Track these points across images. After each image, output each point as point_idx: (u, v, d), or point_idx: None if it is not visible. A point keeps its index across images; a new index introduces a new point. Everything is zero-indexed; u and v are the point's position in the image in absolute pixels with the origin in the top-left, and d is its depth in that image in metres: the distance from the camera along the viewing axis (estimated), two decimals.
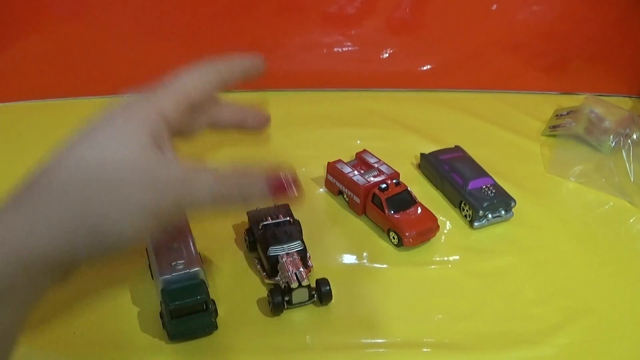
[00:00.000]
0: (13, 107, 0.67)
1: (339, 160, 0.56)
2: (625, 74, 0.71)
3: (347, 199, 0.55)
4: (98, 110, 0.32)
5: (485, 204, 0.52)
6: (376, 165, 0.56)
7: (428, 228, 0.51)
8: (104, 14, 0.65)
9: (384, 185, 0.52)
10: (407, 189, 0.53)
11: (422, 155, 0.59)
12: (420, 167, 0.60)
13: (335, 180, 0.56)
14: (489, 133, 0.65)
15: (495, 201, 0.53)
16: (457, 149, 0.59)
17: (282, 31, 0.69)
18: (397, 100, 0.70)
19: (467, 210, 0.53)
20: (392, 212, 0.51)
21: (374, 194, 0.52)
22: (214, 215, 0.34)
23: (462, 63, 0.71)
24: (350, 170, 0.55)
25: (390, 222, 0.51)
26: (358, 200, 0.53)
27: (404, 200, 0.52)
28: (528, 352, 0.43)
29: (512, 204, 0.53)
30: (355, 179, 0.54)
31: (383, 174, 0.55)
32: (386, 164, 0.56)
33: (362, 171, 0.55)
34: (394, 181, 0.53)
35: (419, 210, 0.52)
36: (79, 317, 0.44)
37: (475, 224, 0.53)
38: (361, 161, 0.57)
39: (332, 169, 0.56)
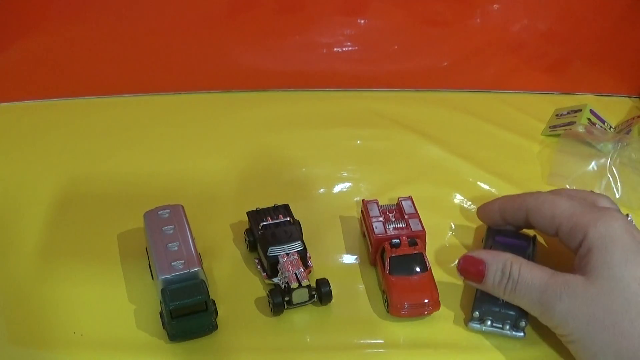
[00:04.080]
0: (13, 107, 0.67)
1: (375, 201, 0.50)
2: (626, 74, 0.71)
3: (367, 244, 0.50)
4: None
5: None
6: (407, 217, 0.48)
7: (421, 303, 0.44)
8: (104, 14, 0.65)
9: (396, 241, 0.46)
10: (422, 254, 0.45)
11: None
12: None
13: (362, 220, 0.50)
14: (489, 133, 0.65)
15: None
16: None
17: (282, 31, 0.68)
18: (397, 100, 0.69)
19: None
20: (390, 272, 0.45)
21: (384, 248, 0.46)
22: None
23: (462, 63, 0.71)
24: (377, 214, 0.48)
25: (385, 282, 0.45)
26: (370, 249, 0.48)
27: (411, 264, 0.45)
28: (528, 352, 0.43)
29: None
30: (374, 226, 0.47)
31: (406, 229, 0.47)
32: (419, 219, 0.48)
33: (391, 219, 0.48)
34: (409, 240, 0.46)
35: (424, 281, 0.44)
36: (79, 317, 0.44)
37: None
38: (398, 208, 0.49)
39: (364, 207, 0.50)
